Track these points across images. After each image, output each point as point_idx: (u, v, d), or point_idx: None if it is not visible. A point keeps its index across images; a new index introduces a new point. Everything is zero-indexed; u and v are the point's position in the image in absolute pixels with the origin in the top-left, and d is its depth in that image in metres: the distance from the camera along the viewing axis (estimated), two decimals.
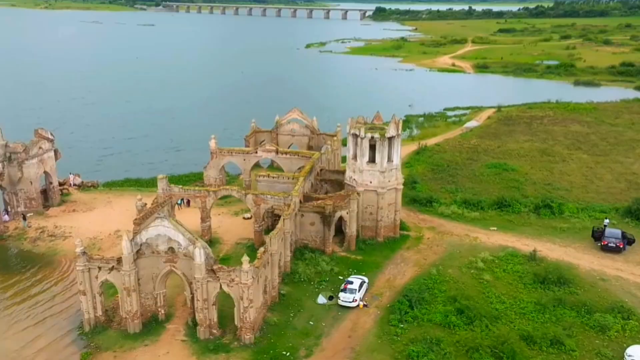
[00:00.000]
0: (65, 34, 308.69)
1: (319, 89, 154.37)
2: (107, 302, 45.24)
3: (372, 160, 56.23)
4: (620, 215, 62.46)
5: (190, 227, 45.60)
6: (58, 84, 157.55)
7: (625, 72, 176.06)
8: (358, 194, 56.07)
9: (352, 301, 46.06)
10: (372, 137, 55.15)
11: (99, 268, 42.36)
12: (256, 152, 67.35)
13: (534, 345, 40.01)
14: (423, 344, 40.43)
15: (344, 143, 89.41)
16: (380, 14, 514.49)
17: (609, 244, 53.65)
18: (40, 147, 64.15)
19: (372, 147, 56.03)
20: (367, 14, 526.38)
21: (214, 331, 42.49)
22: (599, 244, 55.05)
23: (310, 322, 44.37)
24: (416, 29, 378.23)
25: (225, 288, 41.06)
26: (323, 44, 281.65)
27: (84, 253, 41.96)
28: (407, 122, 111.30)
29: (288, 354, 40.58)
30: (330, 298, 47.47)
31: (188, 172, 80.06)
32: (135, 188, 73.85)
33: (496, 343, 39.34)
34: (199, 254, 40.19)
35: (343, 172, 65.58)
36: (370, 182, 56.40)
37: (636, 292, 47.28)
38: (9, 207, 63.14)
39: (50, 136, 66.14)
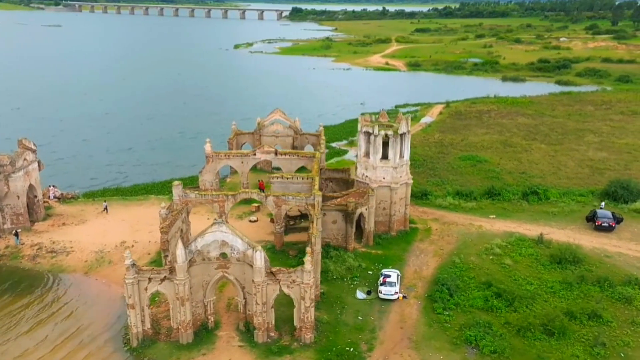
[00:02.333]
0: None
1: (265, 90, 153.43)
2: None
3: (384, 156, 57.81)
4: (597, 197, 68.46)
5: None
6: None
7: (543, 68, 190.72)
8: (372, 190, 57.39)
9: (394, 294, 47.41)
10: (386, 135, 56.73)
11: (149, 279, 40.68)
12: (254, 154, 66.63)
13: (575, 320, 43.31)
14: (477, 328, 42.52)
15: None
16: (297, 15, 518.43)
17: (603, 224, 58.86)
18: (25, 159, 59.60)
19: (384, 144, 57.61)
20: (283, 14, 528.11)
21: (272, 334, 42.17)
22: (592, 224, 60.20)
23: (359, 318, 45.15)
24: (336, 29, 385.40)
25: (285, 290, 40.93)
26: (250, 44, 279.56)
27: (133, 265, 40.10)
28: None
29: (351, 349, 41.14)
30: (369, 292, 48.48)
31: (170, 178, 77.05)
32: (120, 197, 70.62)
33: (545, 321, 42.25)
34: (260, 257, 39.78)
35: (343, 170, 66.94)
36: (384, 178, 57.90)
37: None
38: None
39: (33, 146, 61.61)
